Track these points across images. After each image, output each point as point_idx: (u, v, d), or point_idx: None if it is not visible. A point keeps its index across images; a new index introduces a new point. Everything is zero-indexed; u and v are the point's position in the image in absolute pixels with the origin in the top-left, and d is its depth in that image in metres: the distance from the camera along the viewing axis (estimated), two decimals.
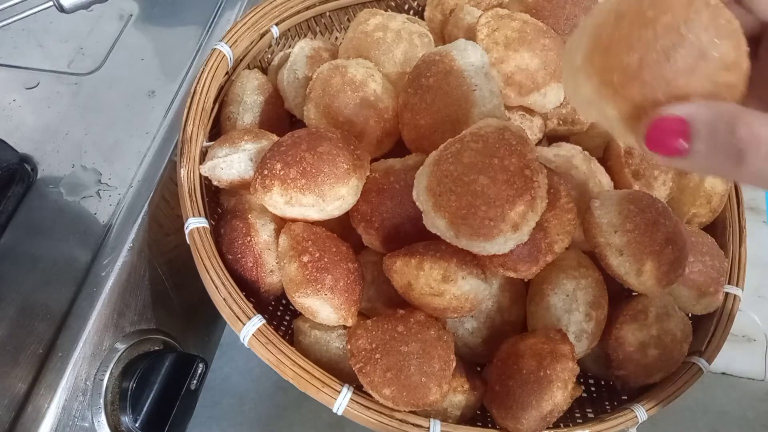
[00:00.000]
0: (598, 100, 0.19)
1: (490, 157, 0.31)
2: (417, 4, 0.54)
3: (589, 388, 0.43)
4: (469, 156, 0.31)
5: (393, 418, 0.32)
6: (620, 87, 0.18)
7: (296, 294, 0.34)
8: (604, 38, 0.18)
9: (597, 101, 0.19)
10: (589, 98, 0.19)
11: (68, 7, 0.39)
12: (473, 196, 0.30)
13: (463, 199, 0.30)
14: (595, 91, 0.19)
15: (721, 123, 0.17)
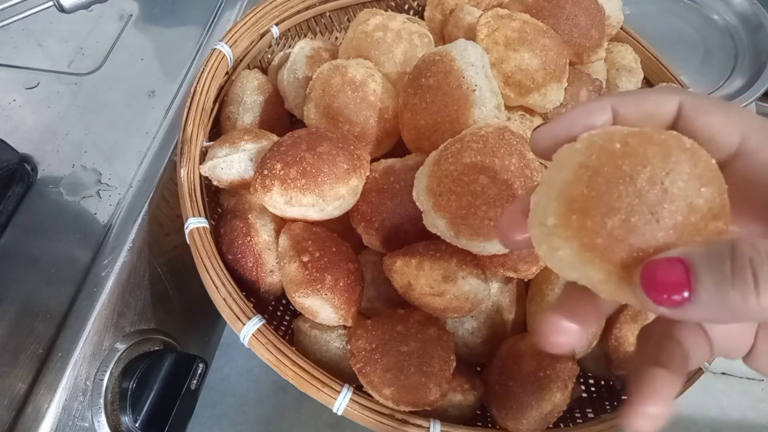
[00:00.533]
0: (581, 265, 0.17)
1: (491, 157, 0.31)
2: (417, 4, 0.54)
3: (589, 388, 0.43)
4: (469, 156, 0.31)
5: (393, 418, 0.32)
6: (605, 251, 0.16)
7: (296, 294, 0.34)
8: (579, 198, 0.17)
9: (579, 265, 0.17)
10: (569, 262, 0.17)
11: (68, 7, 0.39)
12: (473, 196, 0.30)
13: (463, 199, 0.30)
14: (576, 255, 0.17)
15: (721, 250, 0.15)
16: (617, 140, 0.17)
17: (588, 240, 0.16)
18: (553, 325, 0.19)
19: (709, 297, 0.15)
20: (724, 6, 0.69)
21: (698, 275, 0.15)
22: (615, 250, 0.16)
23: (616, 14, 0.52)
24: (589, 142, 0.18)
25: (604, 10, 0.48)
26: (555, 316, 0.19)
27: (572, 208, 0.17)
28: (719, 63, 0.65)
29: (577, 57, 0.46)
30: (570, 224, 0.17)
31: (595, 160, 0.17)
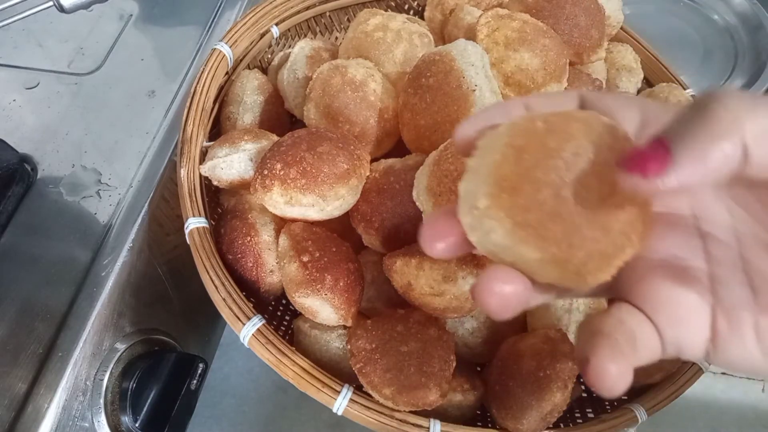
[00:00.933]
0: (515, 244, 0.17)
1: None
2: (417, 4, 0.54)
3: (589, 388, 0.43)
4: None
5: (393, 418, 0.32)
6: (539, 227, 0.16)
7: (296, 294, 0.34)
8: (508, 176, 0.17)
9: (513, 245, 0.17)
10: (503, 243, 0.17)
11: (68, 7, 0.39)
12: None
13: None
14: (510, 235, 0.16)
15: (689, 110, 0.15)
16: (539, 120, 0.17)
17: (521, 217, 0.16)
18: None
19: (688, 137, 0.15)
20: (724, 6, 0.69)
21: (668, 133, 0.15)
22: (548, 226, 0.16)
23: (616, 14, 0.52)
24: (512, 125, 0.18)
25: (604, 10, 0.48)
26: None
27: (502, 187, 0.16)
28: (719, 63, 0.65)
29: (577, 57, 0.46)
30: (501, 203, 0.16)
31: (520, 140, 0.17)
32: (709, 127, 0.14)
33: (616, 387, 0.17)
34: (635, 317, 0.18)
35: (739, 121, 0.14)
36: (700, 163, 0.15)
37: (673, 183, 0.15)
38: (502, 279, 0.17)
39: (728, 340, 0.17)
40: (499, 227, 0.17)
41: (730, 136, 0.14)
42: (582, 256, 0.16)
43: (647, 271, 0.19)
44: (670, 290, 0.18)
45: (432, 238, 0.19)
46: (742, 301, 0.17)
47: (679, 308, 0.18)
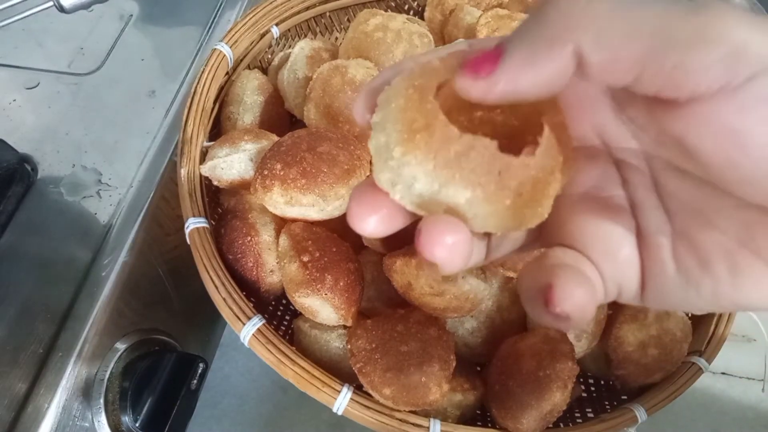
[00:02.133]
0: (441, 187, 0.15)
1: None
2: (417, 5, 0.54)
3: (589, 388, 0.43)
4: None
5: (393, 418, 0.32)
6: (462, 159, 0.15)
7: (296, 294, 0.34)
8: (418, 116, 0.15)
9: (440, 189, 0.15)
10: (429, 190, 0.15)
11: (68, 7, 0.39)
12: None
13: None
14: (435, 179, 0.15)
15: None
16: (436, 59, 0.16)
17: (441, 155, 0.15)
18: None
19: (518, 39, 0.14)
20: None
21: (508, 38, 0.15)
22: (471, 157, 0.15)
23: None
24: (409, 71, 0.17)
25: None
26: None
27: (413, 129, 0.15)
28: None
29: None
30: (417, 145, 0.15)
31: (421, 79, 0.16)
32: (540, 30, 0.14)
33: (583, 316, 0.16)
34: (575, 256, 0.17)
35: (571, 24, 0.14)
36: (528, 66, 0.14)
37: (500, 86, 0.14)
38: (446, 226, 0.16)
39: (652, 271, 0.17)
40: (420, 173, 0.15)
41: (561, 42, 0.14)
42: (515, 185, 0.15)
43: (572, 208, 0.18)
44: (597, 223, 0.17)
45: (361, 215, 0.17)
46: (660, 226, 0.17)
47: (610, 240, 0.17)
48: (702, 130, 0.14)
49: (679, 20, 0.13)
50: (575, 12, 0.14)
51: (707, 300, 0.16)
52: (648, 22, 0.13)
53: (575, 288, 0.16)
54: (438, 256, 0.15)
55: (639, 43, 0.13)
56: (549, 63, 0.14)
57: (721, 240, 0.15)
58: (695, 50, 0.13)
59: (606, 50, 0.13)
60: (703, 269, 0.16)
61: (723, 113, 0.13)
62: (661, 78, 0.13)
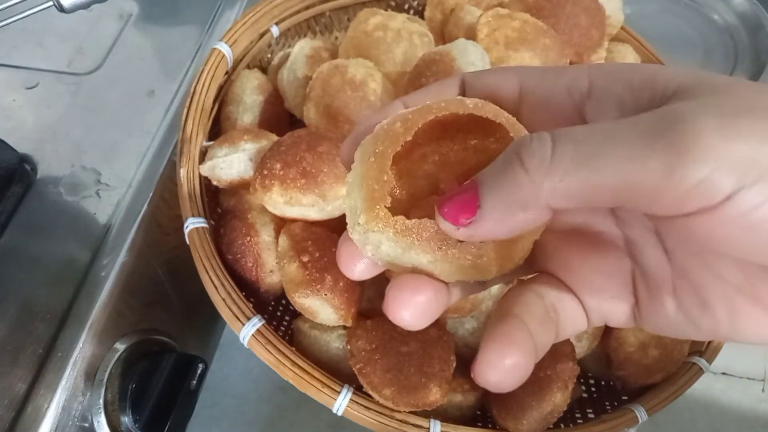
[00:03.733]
0: (405, 252, 0.16)
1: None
2: (417, 4, 0.54)
3: (590, 388, 0.43)
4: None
5: (393, 419, 0.32)
6: (420, 229, 0.16)
7: (296, 294, 0.34)
8: (378, 186, 0.16)
9: (404, 253, 0.16)
10: (394, 253, 0.16)
11: (68, 7, 0.39)
12: None
13: None
14: (397, 244, 0.16)
15: (500, 157, 0.15)
16: (398, 121, 0.17)
17: (399, 224, 0.16)
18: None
19: (493, 198, 0.15)
20: (724, 6, 0.69)
21: (482, 182, 0.15)
22: (428, 225, 0.16)
23: (617, 14, 0.52)
24: (375, 130, 0.17)
25: (605, 9, 0.48)
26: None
27: (375, 198, 0.16)
28: (719, 63, 0.65)
29: (578, 57, 0.46)
30: (378, 215, 0.16)
31: (382, 145, 0.16)
32: (511, 190, 0.14)
33: (510, 381, 0.17)
34: (555, 289, 0.18)
35: (541, 190, 0.14)
36: (506, 220, 0.15)
37: (479, 235, 0.15)
38: (411, 288, 0.17)
39: (650, 308, 0.17)
40: (383, 239, 0.16)
41: (531, 205, 0.14)
42: (474, 251, 0.16)
43: (560, 241, 0.18)
44: (585, 257, 0.18)
45: (348, 260, 0.18)
46: (659, 265, 0.17)
47: (596, 275, 0.18)
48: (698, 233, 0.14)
49: (644, 164, 0.13)
50: (543, 175, 0.14)
51: (705, 334, 0.16)
52: (614, 168, 0.13)
53: (502, 359, 0.17)
54: (401, 319, 0.17)
55: (608, 190, 0.13)
56: (524, 217, 0.14)
57: (722, 284, 0.16)
58: (666, 191, 0.12)
59: (577, 201, 0.14)
60: (703, 310, 0.16)
61: (705, 229, 0.13)
62: (641, 208, 0.13)
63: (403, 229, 0.16)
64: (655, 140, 0.13)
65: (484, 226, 0.15)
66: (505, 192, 0.14)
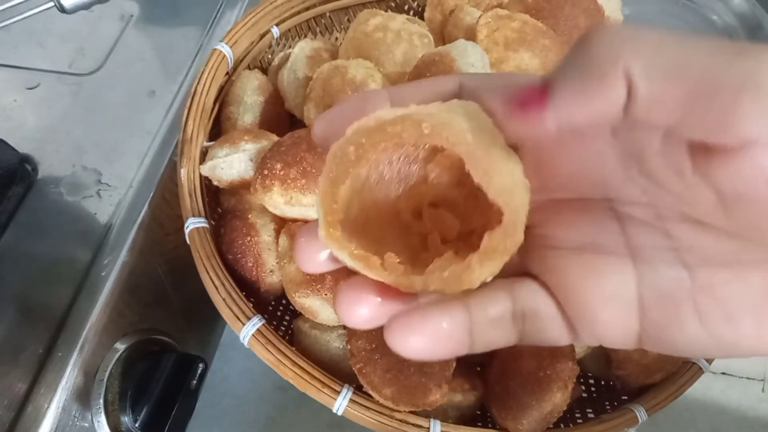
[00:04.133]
0: (363, 270, 0.16)
1: None
2: (417, 5, 0.54)
3: (589, 388, 0.43)
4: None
5: (393, 419, 0.32)
6: (373, 253, 0.16)
7: (296, 294, 0.34)
8: (332, 209, 0.16)
9: (363, 271, 0.16)
10: (354, 266, 0.17)
11: (69, 8, 0.39)
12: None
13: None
14: (353, 262, 0.16)
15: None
16: (353, 144, 0.16)
17: (354, 248, 0.16)
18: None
19: (570, 66, 0.14)
20: (723, 6, 0.69)
21: (555, 75, 0.14)
22: (380, 251, 0.16)
23: (616, 15, 0.52)
24: (331, 152, 0.16)
25: (604, 10, 0.48)
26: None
27: (329, 222, 0.16)
28: None
29: None
30: (333, 235, 0.16)
31: (335, 170, 0.16)
32: (589, 64, 0.13)
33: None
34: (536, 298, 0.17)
35: (621, 55, 0.13)
36: (581, 98, 0.13)
37: (552, 120, 0.14)
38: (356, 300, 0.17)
39: (666, 327, 0.16)
40: (342, 255, 0.16)
41: (613, 71, 0.13)
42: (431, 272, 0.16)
43: (560, 261, 0.17)
44: (584, 280, 0.17)
45: (306, 253, 0.18)
46: (675, 282, 0.16)
47: (595, 300, 0.17)
48: (751, 177, 0.13)
49: (730, 62, 0.12)
50: (623, 42, 0.13)
51: (724, 349, 0.16)
52: (698, 58, 0.13)
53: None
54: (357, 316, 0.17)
55: (689, 79, 0.13)
56: (602, 94, 0.13)
57: (748, 292, 0.15)
58: (745, 94, 0.12)
59: (656, 82, 0.13)
60: (729, 323, 0.15)
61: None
62: (710, 119, 0.13)
63: (360, 253, 0.16)
64: (740, 56, 0.13)
65: (557, 107, 0.14)
66: (578, 62, 0.13)
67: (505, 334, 0.17)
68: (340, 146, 0.16)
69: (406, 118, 0.15)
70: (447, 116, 0.15)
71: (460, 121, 0.15)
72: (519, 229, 0.16)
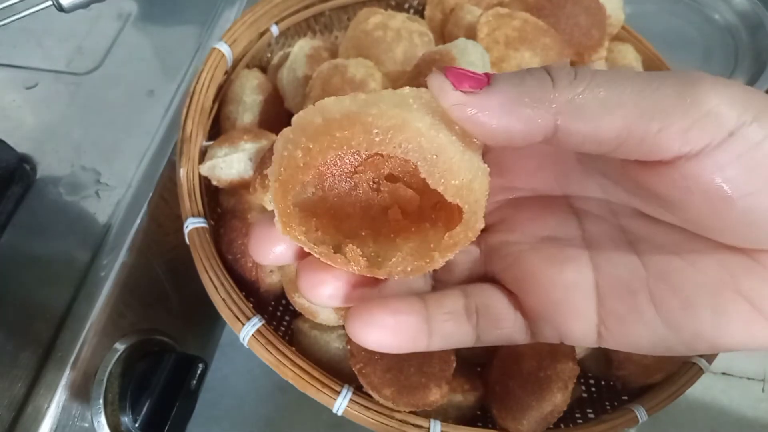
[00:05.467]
0: (325, 260, 0.16)
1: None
2: (417, 3, 0.54)
3: (590, 388, 0.43)
4: None
5: (393, 419, 0.32)
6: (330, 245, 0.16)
7: (296, 294, 0.34)
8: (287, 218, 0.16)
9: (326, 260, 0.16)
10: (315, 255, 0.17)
11: (67, 7, 0.39)
12: None
13: None
14: (315, 254, 0.16)
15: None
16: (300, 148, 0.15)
17: (312, 239, 0.16)
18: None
19: (508, 83, 0.14)
20: (724, 5, 0.69)
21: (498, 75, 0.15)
22: (338, 243, 0.16)
23: (617, 13, 0.52)
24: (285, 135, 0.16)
25: (605, 9, 0.48)
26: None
27: (285, 221, 0.16)
28: (719, 62, 0.65)
29: (578, 56, 0.46)
30: (292, 233, 0.16)
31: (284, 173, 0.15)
32: (531, 85, 0.14)
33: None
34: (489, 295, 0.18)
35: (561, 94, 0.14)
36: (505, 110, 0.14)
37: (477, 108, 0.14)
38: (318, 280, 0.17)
39: (624, 319, 0.16)
40: (305, 245, 0.16)
41: (543, 106, 0.14)
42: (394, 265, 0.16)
43: (520, 255, 0.18)
44: (544, 271, 0.17)
45: (261, 244, 0.18)
46: (630, 270, 0.16)
47: (554, 290, 0.17)
48: (688, 187, 0.14)
49: (656, 90, 0.14)
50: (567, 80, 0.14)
51: (686, 342, 0.16)
52: (628, 93, 0.14)
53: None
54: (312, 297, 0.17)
55: (621, 113, 0.14)
56: (529, 115, 0.14)
57: (703, 281, 0.16)
58: (676, 115, 0.13)
59: (588, 121, 0.14)
60: (686, 310, 0.16)
61: (708, 169, 0.14)
62: (645, 145, 0.14)
63: (320, 252, 0.16)
64: (667, 77, 0.14)
65: (487, 101, 0.14)
66: (522, 85, 0.14)
67: (461, 327, 0.17)
68: (286, 145, 0.16)
69: (354, 119, 0.15)
70: (399, 115, 0.15)
71: (414, 118, 0.15)
72: (479, 217, 0.16)
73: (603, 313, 0.17)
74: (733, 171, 0.14)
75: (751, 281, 0.15)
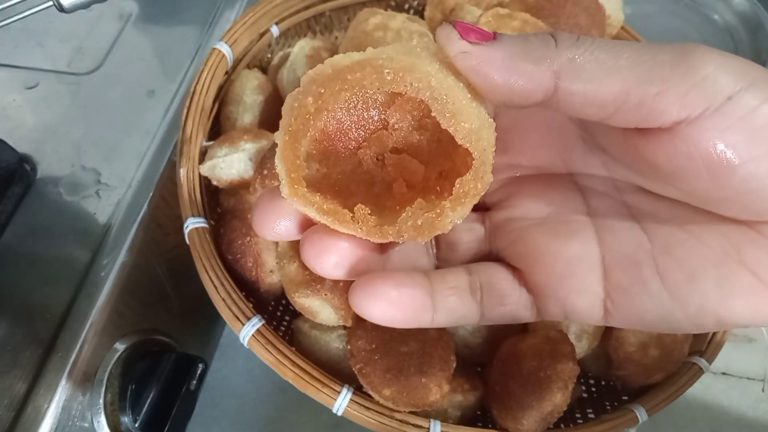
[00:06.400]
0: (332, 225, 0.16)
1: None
2: (417, 4, 0.54)
3: (590, 388, 0.43)
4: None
5: (393, 419, 0.32)
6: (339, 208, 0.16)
7: (296, 294, 0.34)
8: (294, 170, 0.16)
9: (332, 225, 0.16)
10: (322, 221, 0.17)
11: (68, 7, 0.39)
12: None
13: None
14: (323, 218, 0.16)
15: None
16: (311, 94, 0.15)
17: (319, 206, 0.16)
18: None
19: (513, 40, 0.15)
20: (724, 6, 0.69)
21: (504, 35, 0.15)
22: (345, 206, 0.16)
23: (617, 14, 0.52)
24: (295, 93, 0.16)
25: (605, 9, 0.48)
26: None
27: (293, 179, 0.16)
28: None
29: None
30: (297, 192, 0.16)
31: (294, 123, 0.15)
32: (534, 44, 0.15)
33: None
34: (493, 272, 0.18)
35: (560, 55, 0.14)
36: (508, 65, 0.15)
37: (481, 60, 0.15)
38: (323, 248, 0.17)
39: (630, 291, 0.16)
40: (307, 211, 0.16)
41: (544, 64, 0.14)
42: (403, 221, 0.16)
43: (525, 231, 0.18)
44: (549, 245, 0.17)
45: (266, 218, 0.18)
46: (635, 244, 0.17)
47: (559, 264, 0.17)
48: (689, 153, 0.14)
49: (654, 57, 0.14)
50: (568, 43, 0.15)
51: (691, 316, 0.16)
52: (626, 58, 0.14)
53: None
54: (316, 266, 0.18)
55: (620, 76, 0.14)
56: (531, 71, 0.14)
57: (707, 253, 0.16)
58: (674, 79, 0.14)
59: (587, 82, 0.14)
60: (691, 283, 0.16)
61: (708, 134, 0.14)
62: (643, 109, 0.14)
63: (327, 210, 0.16)
64: (664, 45, 0.14)
65: (491, 53, 0.15)
66: (526, 43, 0.15)
67: (465, 303, 0.17)
68: (296, 97, 0.16)
69: (365, 63, 0.15)
70: (408, 60, 0.15)
71: (423, 63, 0.15)
72: (488, 169, 0.16)
73: (609, 287, 0.17)
74: (733, 136, 0.14)
75: (754, 252, 0.15)
